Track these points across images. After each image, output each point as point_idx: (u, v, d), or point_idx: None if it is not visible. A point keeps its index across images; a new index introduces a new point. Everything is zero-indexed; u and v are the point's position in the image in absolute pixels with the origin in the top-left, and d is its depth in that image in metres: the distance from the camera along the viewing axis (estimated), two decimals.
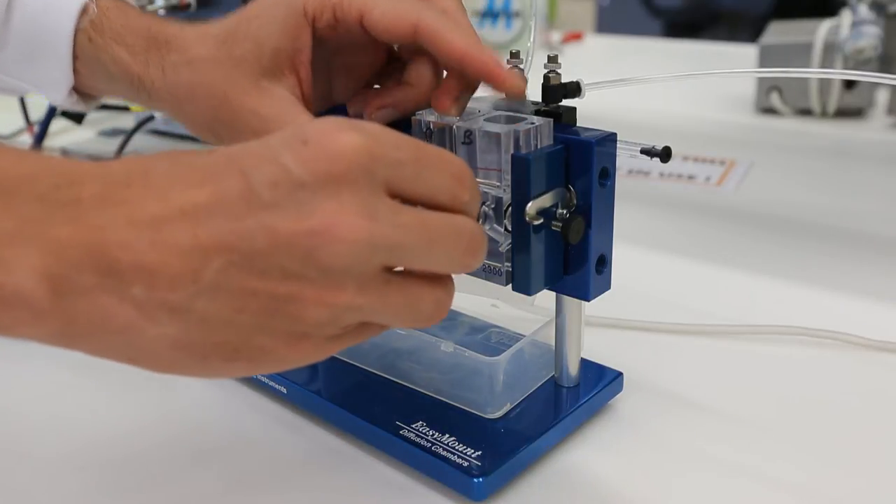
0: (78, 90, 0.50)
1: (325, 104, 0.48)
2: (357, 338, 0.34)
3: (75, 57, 0.48)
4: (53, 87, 0.50)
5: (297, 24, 0.43)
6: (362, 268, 0.30)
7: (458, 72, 0.41)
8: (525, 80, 0.42)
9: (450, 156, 0.34)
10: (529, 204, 0.39)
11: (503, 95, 0.42)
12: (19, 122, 0.99)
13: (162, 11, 0.85)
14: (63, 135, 1.03)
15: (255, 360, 0.31)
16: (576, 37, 1.66)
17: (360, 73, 0.47)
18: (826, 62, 1.04)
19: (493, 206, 0.42)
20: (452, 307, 0.36)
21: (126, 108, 1.00)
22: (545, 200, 0.40)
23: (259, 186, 0.30)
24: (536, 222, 0.39)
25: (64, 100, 0.51)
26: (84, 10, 0.48)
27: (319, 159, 0.30)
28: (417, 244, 0.31)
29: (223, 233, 0.29)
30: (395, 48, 0.47)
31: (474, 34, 0.41)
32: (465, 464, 0.41)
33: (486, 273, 0.43)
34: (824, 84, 1.04)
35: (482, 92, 0.43)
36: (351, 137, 0.31)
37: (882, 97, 1.07)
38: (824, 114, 1.07)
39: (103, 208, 0.29)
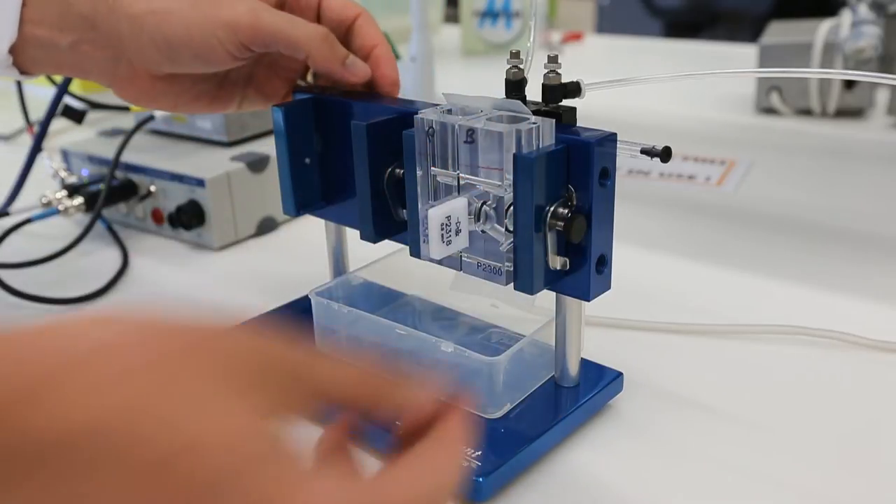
0: (16, 53, 0.51)
1: (258, 96, 0.56)
2: None
3: (24, 4, 0.49)
4: None
5: None
6: None
7: (365, 57, 0.52)
8: (398, 84, 0.52)
9: None
10: (547, 209, 0.40)
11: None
12: (19, 122, 0.99)
13: None
14: (63, 135, 1.03)
15: None
16: (576, 37, 1.66)
17: (293, 73, 0.56)
18: (826, 62, 1.04)
19: (494, 205, 0.42)
20: (453, 307, 0.36)
21: (126, 108, 1.00)
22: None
23: None
24: (558, 227, 0.40)
25: (1, 59, 0.51)
26: None
27: None
28: None
29: None
30: None
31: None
32: (465, 464, 0.41)
33: (486, 273, 0.43)
34: (824, 84, 1.04)
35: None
36: None
37: (882, 97, 1.07)
38: (824, 114, 1.07)
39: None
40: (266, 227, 0.75)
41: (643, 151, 0.42)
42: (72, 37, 0.50)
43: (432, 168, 0.43)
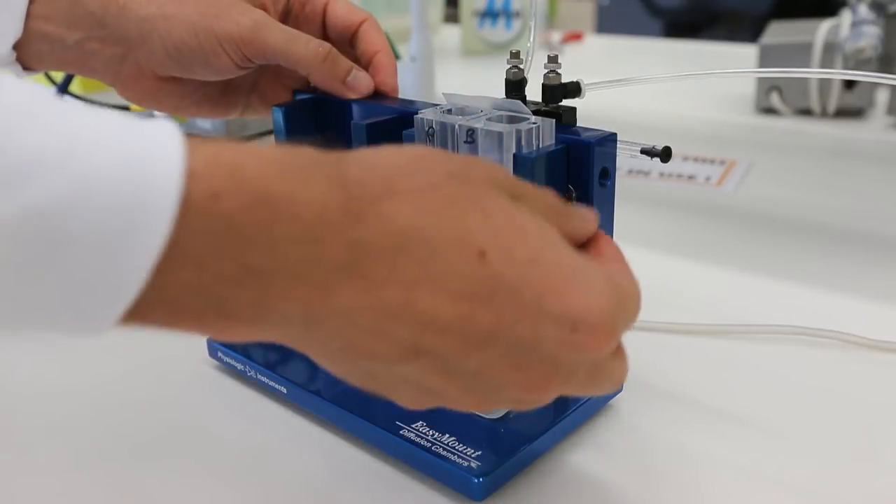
0: (20, 49, 0.51)
1: (262, 103, 0.57)
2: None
3: (31, 0, 0.49)
4: None
5: None
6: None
7: (368, 62, 0.52)
8: (396, 91, 0.52)
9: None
10: None
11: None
12: None
13: None
14: None
15: (388, 394, 0.33)
16: (576, 37, 1.66)
17: (296, 82, 0.54)
18: (826, 62, 1.04)
19: None
20: None
21: (126, 108, 1.00)
22: None
23: (504, 336, 0.30)
24: None
25: (4, 55, 0.51)
26: None
27: (572, 352, 0.31)
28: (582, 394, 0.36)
29: (444, 349, 0.30)
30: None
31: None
32: (465, 464, 0.41)
33: None
34: (824, 84, 1.04)
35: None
36: (619, 356, 0.34)
37: (882, 97, 1.07)
38: (824, 114, 1.07)
39: (345, 279, 0.28)
40: None
41: (643, 151, 0.42)
42: (80, 34, 0.51)
43: None
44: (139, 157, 0.25)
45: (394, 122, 0.46)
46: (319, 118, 0.52)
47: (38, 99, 0.25)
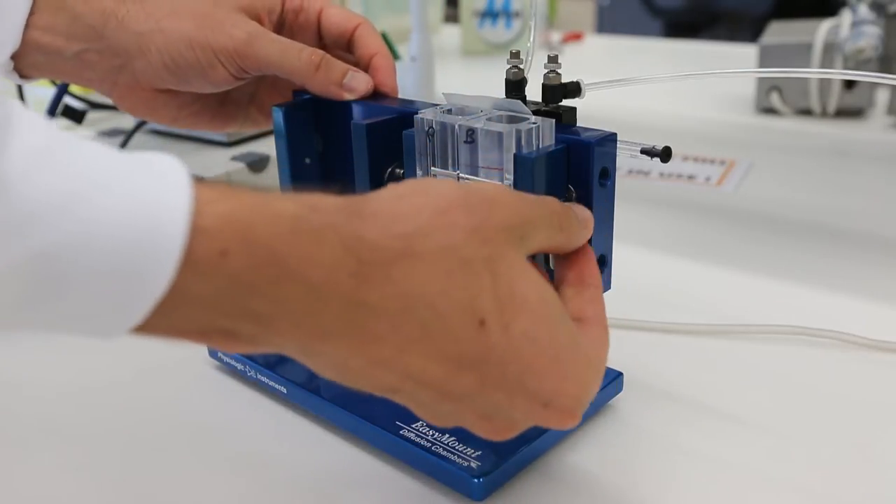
0: (17, 59, 0.51)
1: (261, 114, 0.57)
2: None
3: (32, 12, 0.50)
4: None
5: None
6: None
7: (366, 66, 0.52)
8: (395, 92, 0.52)
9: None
10: None
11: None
12: None
13: None
14: None
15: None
16: (576, 37, 1.66)
17: (290, 91, 0.54)
18: (826, 62, 1.04)
19: None
20: None
21: None
22: None
23: (481, 397, 0.32)
24: None
25: (1, 64, 0.51)
26: None
27: (538, 422, 0.34)
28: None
29: (422, 395, 0.32)
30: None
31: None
32: (465, 464, 0.41)
33: None
34: (824, 84, 1.04)
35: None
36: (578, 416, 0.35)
37: (882, 97, 1.07)
38: (824, 114, 1.07)
39: (342, 330, 0.30)
40: None
41: (643, 151, 0.42)
42: (79, 46, 0.51)
43: (432, 168, 0.43)
44: (147, 202, 0.26)
45: (394, 122, 0.46)
46: (319, 118, 0.52)
47: (55, 140, 0.26)
